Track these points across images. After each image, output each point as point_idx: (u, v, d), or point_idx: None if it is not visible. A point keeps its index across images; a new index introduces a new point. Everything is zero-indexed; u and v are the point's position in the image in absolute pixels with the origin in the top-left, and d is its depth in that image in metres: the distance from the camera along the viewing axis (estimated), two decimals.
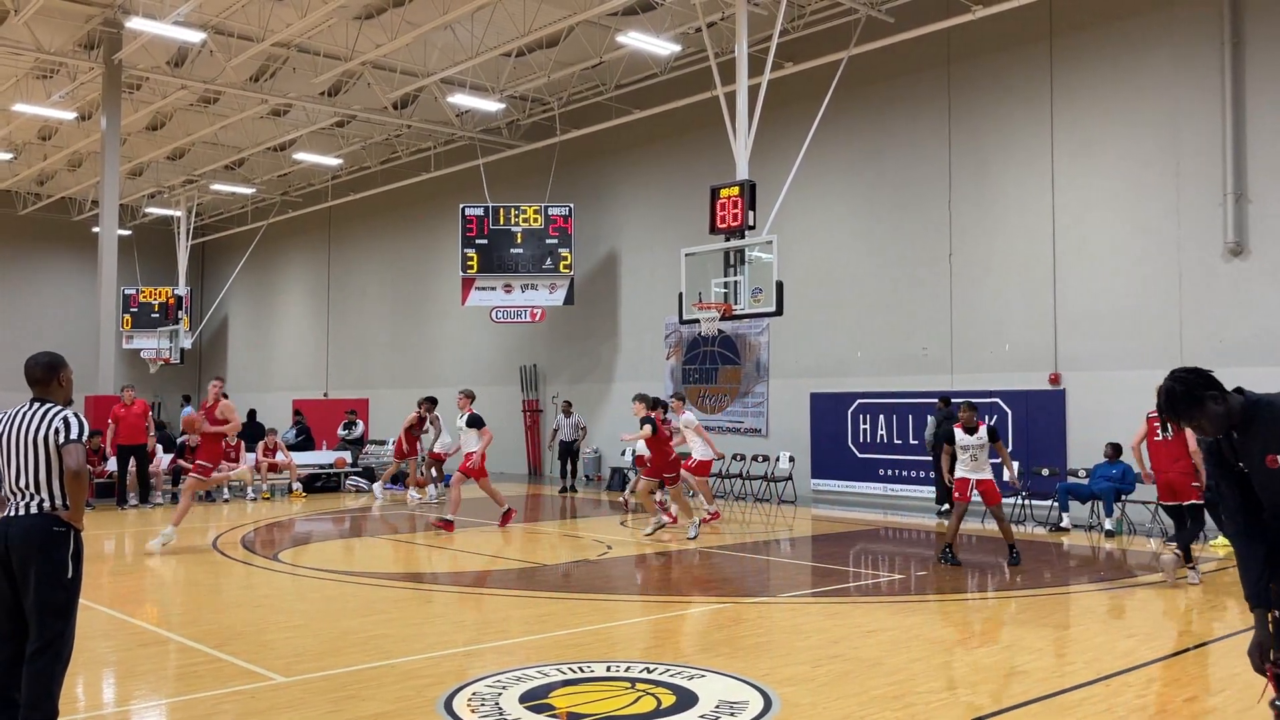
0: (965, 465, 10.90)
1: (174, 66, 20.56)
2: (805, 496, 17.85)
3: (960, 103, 16.58)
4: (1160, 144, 14.40)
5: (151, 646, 7.25)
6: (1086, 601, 9.06)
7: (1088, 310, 15.01)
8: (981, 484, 10.78)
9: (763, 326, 18.92)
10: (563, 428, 19.95)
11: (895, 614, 8.59)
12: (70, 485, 4.72)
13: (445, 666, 6.60)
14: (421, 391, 25.87)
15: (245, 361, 34.86)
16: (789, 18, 16.73)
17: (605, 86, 20.63)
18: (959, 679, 6.23)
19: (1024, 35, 15.76)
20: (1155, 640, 7.32)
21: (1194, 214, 14.04)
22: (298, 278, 32.77)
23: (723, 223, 14.20)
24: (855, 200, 18.07)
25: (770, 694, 5.84)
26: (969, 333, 16.32)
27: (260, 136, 24.67)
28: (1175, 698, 5.86)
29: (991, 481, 10.82)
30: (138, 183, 29.68)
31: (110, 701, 6.07)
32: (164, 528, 12.28)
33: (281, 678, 6.23)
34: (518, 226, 21.79)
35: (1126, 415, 14.36)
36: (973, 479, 10.82)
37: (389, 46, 18.13)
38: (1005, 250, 15.96)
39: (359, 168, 27.60)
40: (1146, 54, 14.59)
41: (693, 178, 19.48)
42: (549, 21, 17.23)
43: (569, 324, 22.98)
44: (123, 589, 9.81)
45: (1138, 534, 13.19)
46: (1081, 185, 15.19)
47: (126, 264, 29.60)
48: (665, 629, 7.94)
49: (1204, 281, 13.92)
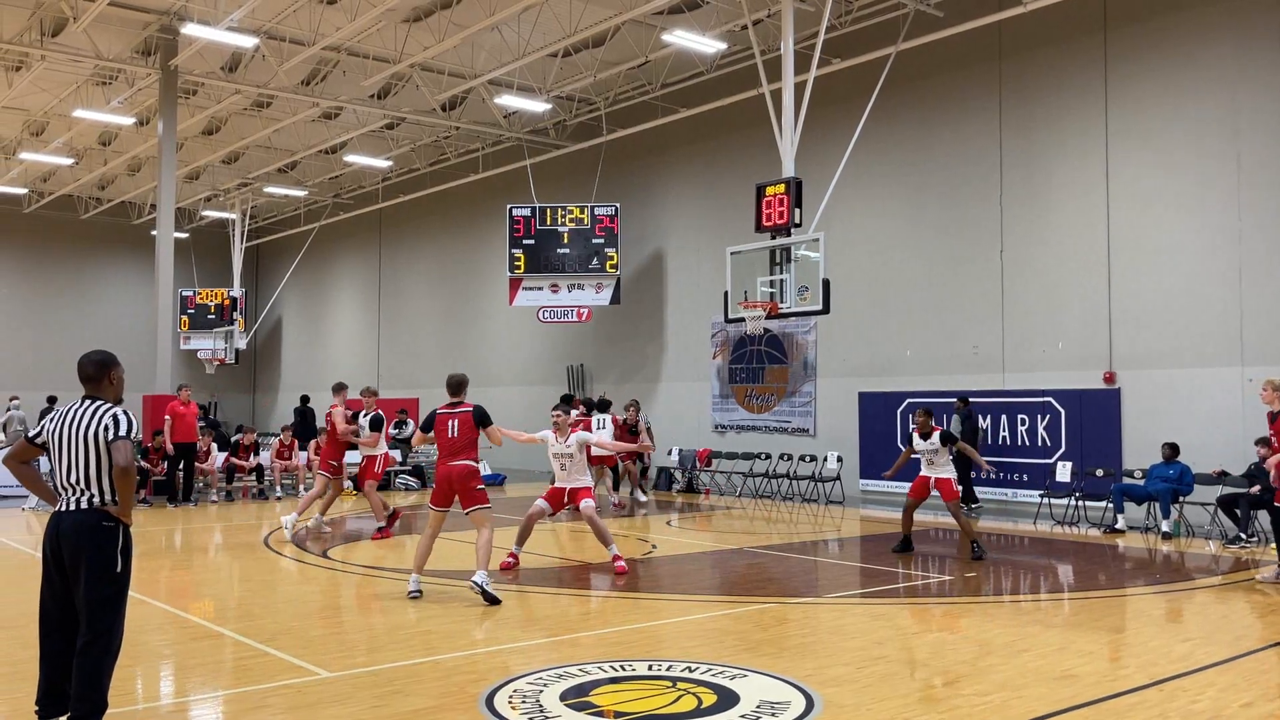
0: (924, 465, 11.45)
1: (228, 71, 20.94)
2: (853, 497, 17.68)
3: (1011, 97, 16.31)
4: (1220, 136, 14.04)
5: (203, 641, 7.39)
6: (1141, 604, 8.85)
7: (1144, 307, 14.68)
8: (939, 482, 11.29)
9: (810, 325, 18.77)
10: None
11: (942, 616, 8.47)
12: (119, 481, 4.81)
13: (488, 663, 6.63)
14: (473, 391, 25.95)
15: (298, 361, 35.41)
16: (835, 14, 16.58)
17: (651, 85, 20.62)
18: (1006, 682, 6.12)
19: (1078, 27, 15.46)
20: (1212, 644, 7.13)
21: (1255, 207, 13.66)
22: (349, 279, 33.22)
23: (769, 221, 14.10)
24: (904, 197, 17.86)
25: (813, 694, 5.78)
26: (1021, 331, 16.05)
27: (311, 139, 25.04)
28: (1232, 703, 5.70)
29: (948, 480, 11.31)
30: (194, 186, 30.28)
31: (163, 694, 6.19)
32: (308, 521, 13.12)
33: (327, 673, 6.30)
34: (564, 226, 21.86)
35: (1183, 414, 14.04)
36: (931, 477, 11.35)
37: (437, 48, 18.28)
38: (1058, 247, 15.67)
39: (408, 169, 27.90)
40: (1206, 45, 14.23)
41: (739, 176, 19.40)
42: (595, 21, 17.26)
43: (615, 323, 23.01)
44: (177, 584, 10.01)
45: (1196, 536, 12.86)
46: (1137, 179, 14.85)
47: (183, 266, 30.26)
48: (709, 628, 7.90)
49: (1266, 277, 13.54)
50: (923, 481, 11.37)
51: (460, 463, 8.74)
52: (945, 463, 11.35)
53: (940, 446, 11.29)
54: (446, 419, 8.89)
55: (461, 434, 8.80)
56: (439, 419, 8.93)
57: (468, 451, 8.79)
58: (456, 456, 8.76)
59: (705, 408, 20.81)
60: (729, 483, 19.38)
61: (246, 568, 10.97)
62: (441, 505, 8.87)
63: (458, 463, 8.74)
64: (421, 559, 8.95)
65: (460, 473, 8.73)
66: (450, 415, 8.90)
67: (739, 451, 19.61)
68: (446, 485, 8.81)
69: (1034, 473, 15.50)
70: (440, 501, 8.87)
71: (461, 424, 8.82)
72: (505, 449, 14.04)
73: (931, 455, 11.32)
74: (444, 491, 8.84)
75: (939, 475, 11.31)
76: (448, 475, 8.78)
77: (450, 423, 8.84)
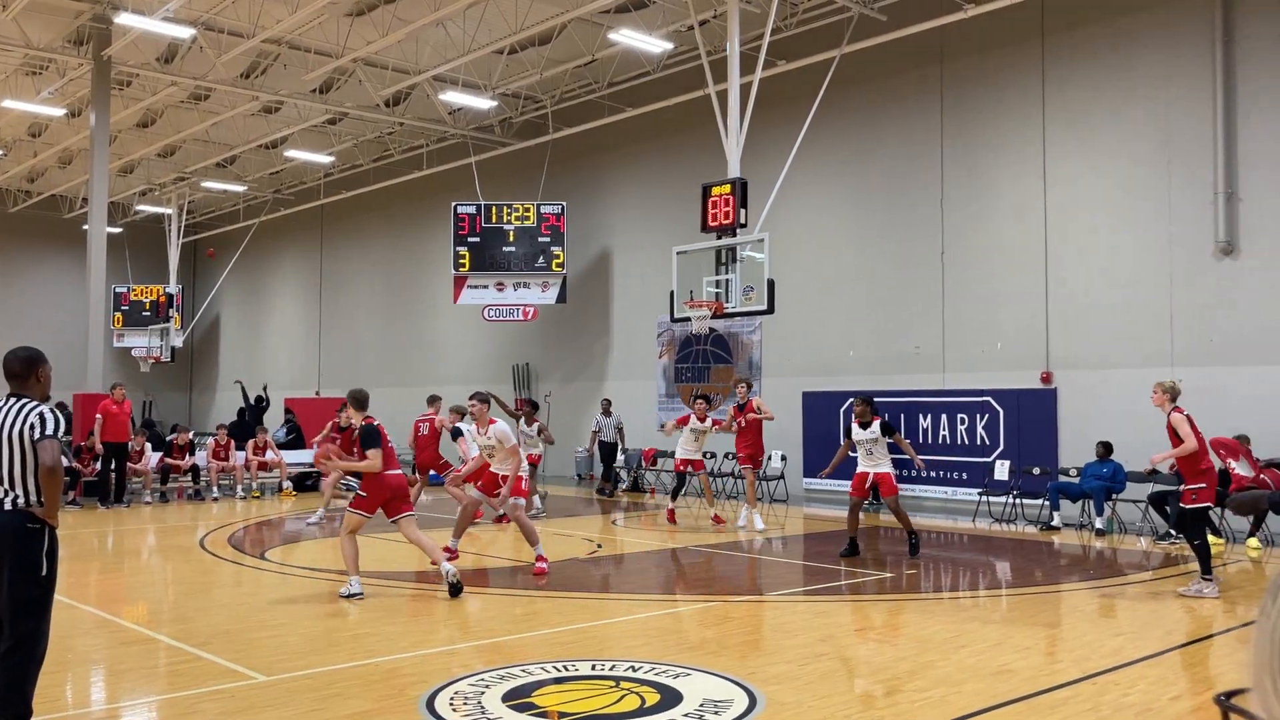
0: (862, 459, 11.28)
1: (164, 63, 20.47)
2: (797, 496, 17.82)
3: (952, 101, 16.56)
4: (1153, 143, 14.39)
5: (135, 645, 7.20)
6: (1076, 600, 9.03)
7: (1079, 309, 15.00)
8: (879, 476, 11.20)
9: (755, 325, 18.89)
10: (603, 428, 19.24)
11: (883, 613, 8.57)
12: (46, 481, 4.67)
13: (429, 665, 6.55)
14: (416, 390, 25.70)
15: (237, 360, 34.75)
16: (781, 15, 16.69)
17: (598, 84, 20.59)
18: (945, 678, 6.20)
19: (1016, 33, 15.74)
20: (1143, 639, 7.30)
21: (1185, 213, 14.03)
22: (289, 276, 32.69)
23: (714, 221, 14.15)
24: (847, 199, 18.05)
25: (755, 693, 5.80)
26: (961, 331, 16.30)
27: (251, 134, 24.58)
28: (1162, 696, 5.83)
29: (888, 475, 11.19)
30: (128, 180, 29.57)
31: (93, 700, 6.02)
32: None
33: (263, 677, 6.18)
34: (510, 225, 21.73)
35: (1116, 414, 14.37)
36: (870, 472, 11.20)
37: (380, 43, 18.06)
38: (997, 249, 15.94)
39: (351, 165, 27.52)
40: (1139, 52, 14.58)
41: (685, 176, 19.44)
42: (541, 19, 17.18)
43: (561, 323, 22.93)
44: (107, 588, 9.75)
45: (1128, 533, 13.17)
46: (1074, 184, 15.17)
47: (117, 262, 29.52)
48: (652, 628, 7.90)
49: (1195, 280, 13.91)
50: (862, 477, 11.28)
51: (397, 472, 8.89)
52: (884, 455, 11.23)
53: (880, 436, 11.16)
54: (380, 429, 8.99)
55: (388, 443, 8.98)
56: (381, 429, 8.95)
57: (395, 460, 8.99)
58: (393, 466, 8.89)
59: (651, 407, 20.83)
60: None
61: (180, 570, 10.73)
62: (371, 513, 8.84)
63: (396, 472, 8.89)
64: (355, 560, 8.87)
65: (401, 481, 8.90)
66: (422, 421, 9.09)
67: None
68: (388, 495, 8.80)
69: (973, 471, 15.75)
70: (372, 509, 8.83)
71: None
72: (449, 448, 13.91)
73: (870, 446, 11.19)
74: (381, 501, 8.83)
75: (878, 470, 11.17)
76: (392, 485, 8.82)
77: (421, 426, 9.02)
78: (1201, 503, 8.99)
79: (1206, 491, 8.96)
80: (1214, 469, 9.19)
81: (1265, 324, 13.25)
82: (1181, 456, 8.89)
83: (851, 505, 11.40)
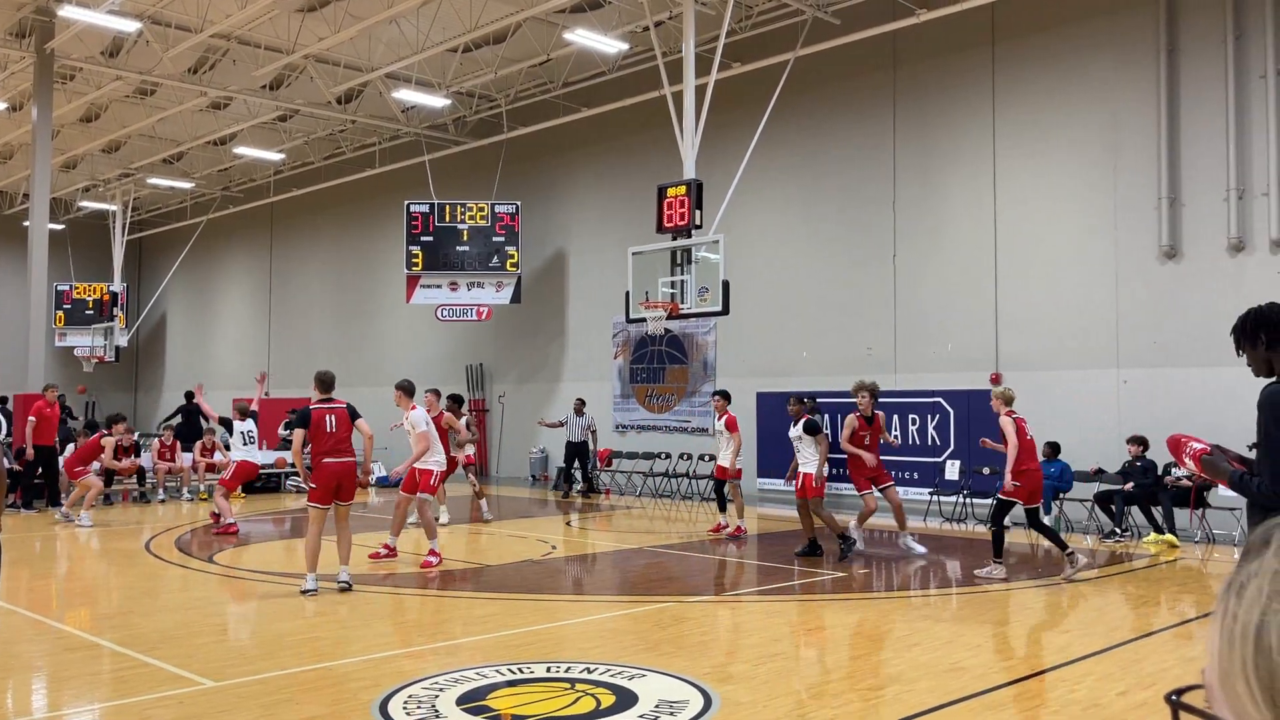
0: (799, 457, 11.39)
1: (109, 57, 20.04)
2: (751, 496, 17.87)
3: (905, 105, 16.75)
4: (1100, 149, 14.67)
5: (78, 651, 7.04)
6: (1025, 598, 9.18)
7: (1028, 311, 15.25)
8: (802, 476, 11.31)
9: (710, 326, 18.95)
10: (572, 427, 18.74)
11: (837, 612, 8.63)
12: None
13: (382, 669, 6.48)
14: (368, 390, 25.43)
15: (184, 360, 34.13)
16: (736, 18, 16.77)
17: (553, 84, 20.53)
18: (898, 675, 6.26)
19: (968, 39, 15.97)
20: (1089, 635, 7.44)
21: (1131, 217, 14.32)
22: (239, 274, 32.17)
23: (670, 222, 14.18)
24: (801, 201, 18.18)
25: (710, 693, 5.81)
26: (912, 333, 16.49)
27: (199, 130, 24.16)
28: (1108, 691, 5.95)
29: (809, 476, 11.20)
30: (71, 176, 28.92)
31: (35, 708, 5.87)
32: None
33: (212, 682, 6.07)
34: (464, 224, 21.58)
35: (1064, 414, 14.63)
36: (800, 471, 11.34)
37: (332, 40, 17.84)
38: (948, 251, 16.16)
39: (302, 163, 27.16)
40: (1088, 60, 14.85)
41: (640, 177, 19.45)
42: (496, 17, 17.09)
43: (516, 323, 22.83)
44: (48, 592, 9.52)
45: (1074, 531, 13.41)
46: (1023, 188, 15.42)
47: (59, 259, 28.85)
48: (608, 629, 7.89)
49: (1140, 283, 14.21)
50: (806, 478, 11.25)
51: (348, 460, 8.89)
52: (811, 456, 11.17)
53: (803, 435, 11.18)
54: (323, 414, 8.82)
55: (340, 429, 8.86)
56: (315, 414, 8.93)
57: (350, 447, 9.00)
58: (344, 453, 8.86)
59: (606, 408, 20.81)
60: (629, 482, 19.42)
61: (125, 575, 10.51)
62: (327, 503, 8.82)
63: (345, 459, 8.85)
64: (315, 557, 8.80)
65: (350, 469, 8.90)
66: (327, 411, 8.83)
67: (639, 451, 19.67)
68: (334, 482, 8.75)
69: (924, 471, 15.93)
70: (327, 500, 8.81)
71: (339, 420, 8.80)
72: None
73: (796, 443, 11.30)
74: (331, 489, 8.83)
75: (803, 470, 11.20)
76: (335, 472, 8.76)
77: (328, 418, 8.81)
78: (1013, 497, 9.95)
79: (1021, 490, 9.91)
80: (1036, 471, 10.14)
81: (1207, 326, 13.56)
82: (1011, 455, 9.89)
83: (798, 505, 11.46)
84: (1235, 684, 0.74)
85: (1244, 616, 0.75)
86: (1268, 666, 0.72)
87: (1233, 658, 0.75)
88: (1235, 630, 0.76)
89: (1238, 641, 0.75)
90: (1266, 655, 0.73)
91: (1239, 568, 0.80)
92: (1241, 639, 0.74)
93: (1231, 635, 0.75)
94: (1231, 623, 0.76)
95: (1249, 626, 0.74)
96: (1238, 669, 0.74)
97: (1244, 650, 0.74)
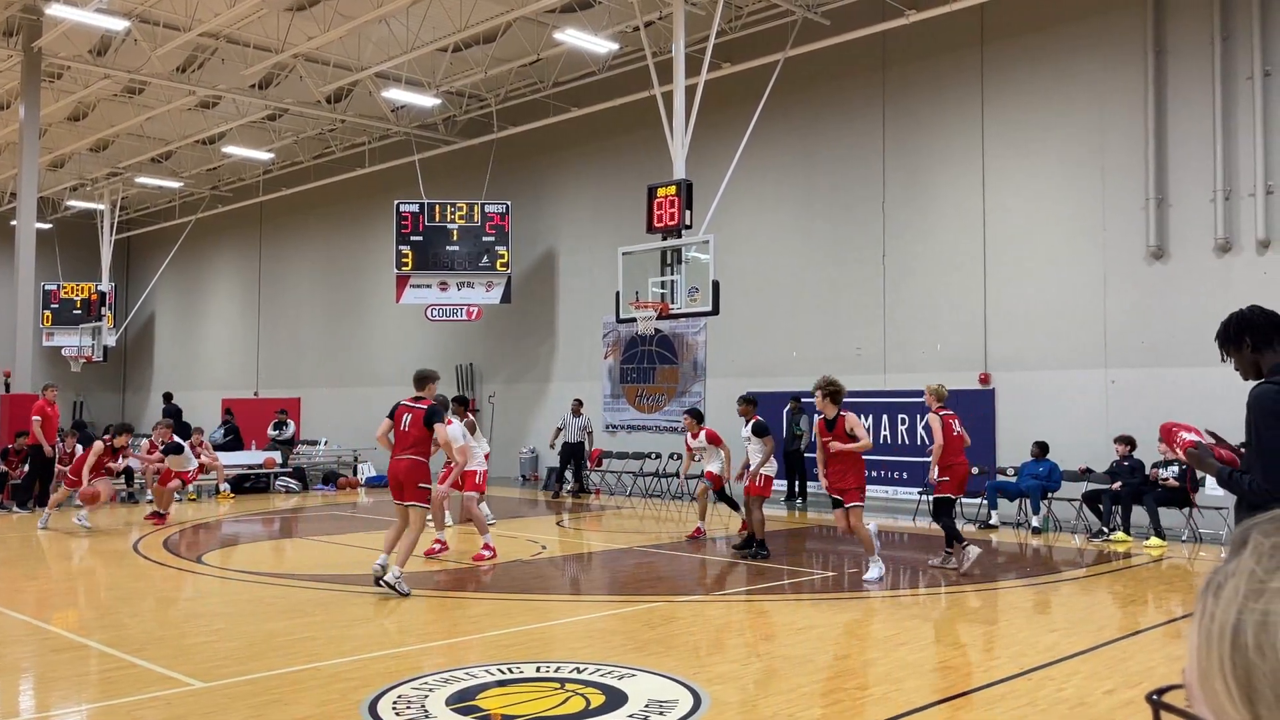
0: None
1: (97, 55, 19.95)
2: (741, 495, 17.90)
3: (894, 106, 16.80)
4: (1088, 149, 14.74)
5: (66, 652, 7.01)
6: (1012, 597, 9.22)
7: (1016, 311, 15.31)
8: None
9: (700, 326, 18.96)
10: (568, 428, 18.79)
11: (825, 611, 8.65)
12: None
13: (372, 669, 6.47)
14: (357, 390, 25.40)
15: (172, 359, 34.00)
16: (726, 18, 16.79)
17: (543, 84, 20.51)
18: (886, 675, 6.28)
19: (957, 40, 16.02)
20: (1077, 634, 7.47)
21: (1118, 218, 14.39)
22: (227, 274, 32.05)
23: (660, 222, 14.19)
24: (791, 201, 18.21)
25: (700, 692, 5.82)
26: (902, 333, 16.53)
27: (188, 129, 24.07)
28: (1095, 690, 5.98)
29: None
30: (59, 175, 28.77)
31: (22, 709, 5.84)
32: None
33: (200, 683, 6.06)
34: (454, 224, 21.55)
35: (1052, 414, 14.69)
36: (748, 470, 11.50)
37: (321, 39, 17.80)
38: (937, 252, 16.20)
39: (291, 162, 27.07)
40: (1076, 62, 14.91)
41: (630, 176, 19.46)
42: (486, 17, 17.07)
43: (506, 323, 22.80)
44: (36, 593, 9.48)
45: (1063, 530, 13.47)
46: (1012, 189, 15.48)
47: (47, 259, 28.67)
48: (598, 629, 7.90)
49: (1127, 284, 14.27)
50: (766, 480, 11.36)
51: (406, 458, 8.92)
52: (756, 455, 11.21)
53: (750, 436, 11.23)
54: (403, 412, 9.02)
55: (412, 430, 8.94)
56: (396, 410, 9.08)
57: (417, 447, 8.94)
58: (406, 451, 8.93)
59: (596, 408, 20.81)
60: (619, 482, 19.42)
61: (114, 575, 10.47)
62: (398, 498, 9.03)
63: (404, 457, 8.92)
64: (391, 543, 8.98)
65: (406, 466, 8.92)
66: (406, 409, 9.03)
67: (630, 451, 19.67)
68: (394, 480, 9.00)
69: (913, 470, 15.97)
70: (396, 495, 9.05)
71: (413, 420, 8.92)
72: None
73: (745, 443, 11.35)
74: (392, 486, 9.09)
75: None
76: (393, 470, 8.98)
77: (405, 416, 8.89)
78: (944, 492, 10.30)
79: (949, 484, 10.25)
80: (962, 465, 10.39)
81: (1194, 326, 13.63)
82: (936, 452, 10.27)
83: (746, 503, 11.57)
84: (1214, 683, 0.75)
85: (1221, 616, 0.76)
86: (1244, 665, 0.73)
87: (1211, 657, 0.76)
88: (1213, 630, 0.77)
89: (1215, 641, 0.76)
90: (1243, 654, 0.74)
91: (1218, 568, 0.81)
92: (1219, 638, 0.76)
93: (1209, 635, 0.76)
94: (1209, 622, 0.77)
95: (1226, 626, 0.75)
96: (1215, 668, 0.75)
97: (1221, 649, 0.75)
